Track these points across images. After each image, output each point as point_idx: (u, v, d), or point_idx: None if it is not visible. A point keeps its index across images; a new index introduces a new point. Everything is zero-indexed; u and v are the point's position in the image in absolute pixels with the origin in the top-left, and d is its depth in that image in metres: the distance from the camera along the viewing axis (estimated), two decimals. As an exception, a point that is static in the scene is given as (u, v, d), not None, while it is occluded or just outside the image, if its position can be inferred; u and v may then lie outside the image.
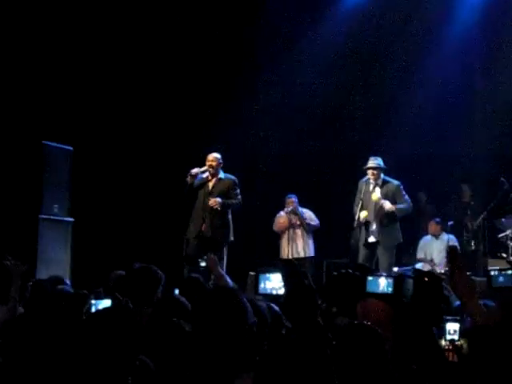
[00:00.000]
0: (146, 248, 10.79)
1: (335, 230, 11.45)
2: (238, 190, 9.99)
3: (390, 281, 5.96)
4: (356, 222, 10.10)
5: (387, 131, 12.53)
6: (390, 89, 12.75)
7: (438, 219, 11.78)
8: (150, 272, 5.51)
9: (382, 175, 10.21)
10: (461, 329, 5.15)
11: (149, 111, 12.22)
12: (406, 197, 10.23)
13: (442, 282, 4.25)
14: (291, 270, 5.23)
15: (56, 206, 9.91)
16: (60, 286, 5.58)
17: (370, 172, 10.17)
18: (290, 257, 11.10)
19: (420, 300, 4.19)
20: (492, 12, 12.27)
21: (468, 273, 3.57)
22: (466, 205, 12.29)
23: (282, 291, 7.07)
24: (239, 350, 2.94)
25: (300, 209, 11.33)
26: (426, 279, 4.19)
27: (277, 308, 4.85)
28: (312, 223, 11.36)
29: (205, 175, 9.90)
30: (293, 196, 11.34)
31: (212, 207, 9.75)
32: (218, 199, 9.76)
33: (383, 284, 6.16)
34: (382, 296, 5.39)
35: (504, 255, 10.82)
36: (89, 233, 10.84)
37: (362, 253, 10.11)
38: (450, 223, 11.99)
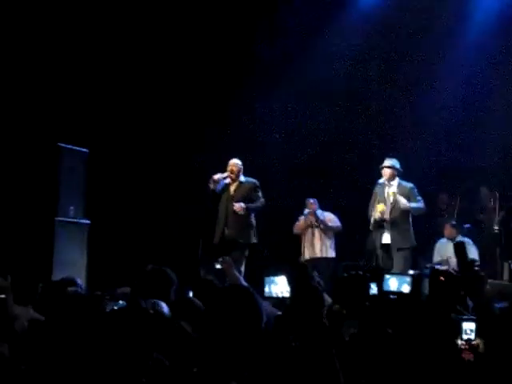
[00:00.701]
0: (162, 250, 10.79)
1: (356, 232, 11.39)
2: (260, 193, 10.09)
3: (408, 280, 5.88)
4: (372, 225, 10.08)
5: (405, 133, 12.48)
6: (408, 90, 12.69)
7: (453, 222, 11.65)
8: (163, 274, 5.50)
9: (397, 178, 10.17)
10: (477, 328, 5.10)
11: (164, 114, 12.22)
12: (420, 197, 10.20)
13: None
14: (298, 271, 5.18)
15: (72, 208, 9.89)
16: (72, 288, 5.53)
17: (383, 171, 10.13)
18: (308, 258, 11.12)
19: (435, 299, 4.14)
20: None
21: (476, 268, 3.53)
22: (486, 208, 12.19)
23: (287, 294, 7.02)
24: (248, 349, 2.88)
25: (320, 211, 11.36)
26: (442, 279, 4.13)
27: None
28: (330, 224, 11.34)
29: (227, 180, 10.02)
30: (312, 199, 11.36)
31: (235, 211, 9.82)
32: (242, 204, 9.85)
33: (400, 283, 6.06)
34: (399, 295, 5.33)
35: None
36: (105, 235, 10.85)
37: (380, 255, 10.09)
38: (467, 226, 11.87)
